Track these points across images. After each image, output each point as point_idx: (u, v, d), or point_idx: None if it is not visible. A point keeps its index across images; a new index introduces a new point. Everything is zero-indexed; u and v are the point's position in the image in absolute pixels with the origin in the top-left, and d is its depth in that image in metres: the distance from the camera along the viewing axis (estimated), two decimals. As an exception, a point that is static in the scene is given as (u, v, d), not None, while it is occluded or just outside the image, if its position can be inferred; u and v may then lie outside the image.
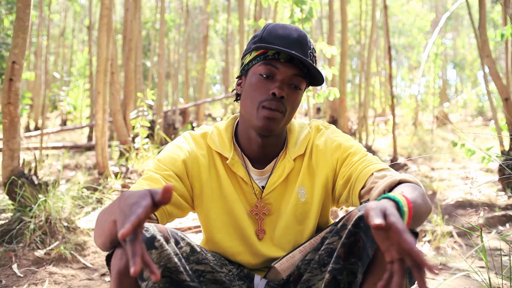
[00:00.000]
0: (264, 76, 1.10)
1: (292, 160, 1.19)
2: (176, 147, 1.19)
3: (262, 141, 1.16)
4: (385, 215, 0.72)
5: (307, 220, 1.18)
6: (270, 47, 1.07)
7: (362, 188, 1.08)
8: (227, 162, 1.17)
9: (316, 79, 1.14)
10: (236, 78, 1.21)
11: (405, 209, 0.81)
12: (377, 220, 0.69)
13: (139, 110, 4.71)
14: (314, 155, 1.20)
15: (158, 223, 1.09)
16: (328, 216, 1.24)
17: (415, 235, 0.97)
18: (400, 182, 1.00)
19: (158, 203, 0.73)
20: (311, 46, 1.14)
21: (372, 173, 1.06)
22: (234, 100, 1.23)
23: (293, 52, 1.05)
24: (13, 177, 2.33)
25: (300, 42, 1.11)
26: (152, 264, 0.68)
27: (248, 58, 1.15)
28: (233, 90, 1.22)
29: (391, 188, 0.99)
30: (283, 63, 1.09)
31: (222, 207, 1.18)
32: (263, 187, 1.19)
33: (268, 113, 1.08)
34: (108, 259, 0.96)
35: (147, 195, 0.75)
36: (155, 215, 1.08)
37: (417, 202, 0.89)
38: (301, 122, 1.28)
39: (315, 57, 1.16)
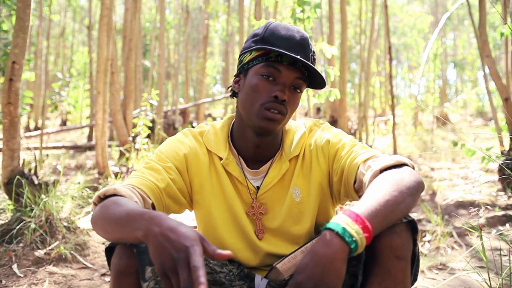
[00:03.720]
0: (266, 77, 1.09)
1: (288, 161, 1.19)
2: (177, 141, 1.20)
3: (258, 141, 1.16)
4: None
5: (303, 220, 1.18)
6: (273, 49, 1.06)
7: (354, 182, 1.09)
8: (221, 162, 1.18)
9: (316, 82, 1.14)
10: (234, 76, 1.20)
11: (342, 225, 0.83)
12: None
13: (142, 110, 4.71)
14: (307, 155, 1.20)
15: None
16: (329, 215, 1.24)
17: (412, 224, 0.94)
18: (382, 170, 0.99)
19: (207, 255, 0.77)
20: (312, 49, 1.14)
21: (359, 166, 1.07)
22: (230, 96, 1.23)
23: (297, 56, 1.05)
24: (13, 177, 2.33)
25: (303, 45, 1.10)
26: None
27: (248, 57, 1.13)
28: (229, 87, 1.22)
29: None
30: (286, 66, 1.08)
31: (222, 203, 1.18)
32: (258, 187, 1.19)
33: (270, 115, 1.08)
34: (107, 251, 0.98)
35: (198, 244, 0.76)
36: (153, 206, 1.08)
37: (389, 198, 0.88)
38: (297, 123, 1.28)
39: (315, 59, 1.15)
